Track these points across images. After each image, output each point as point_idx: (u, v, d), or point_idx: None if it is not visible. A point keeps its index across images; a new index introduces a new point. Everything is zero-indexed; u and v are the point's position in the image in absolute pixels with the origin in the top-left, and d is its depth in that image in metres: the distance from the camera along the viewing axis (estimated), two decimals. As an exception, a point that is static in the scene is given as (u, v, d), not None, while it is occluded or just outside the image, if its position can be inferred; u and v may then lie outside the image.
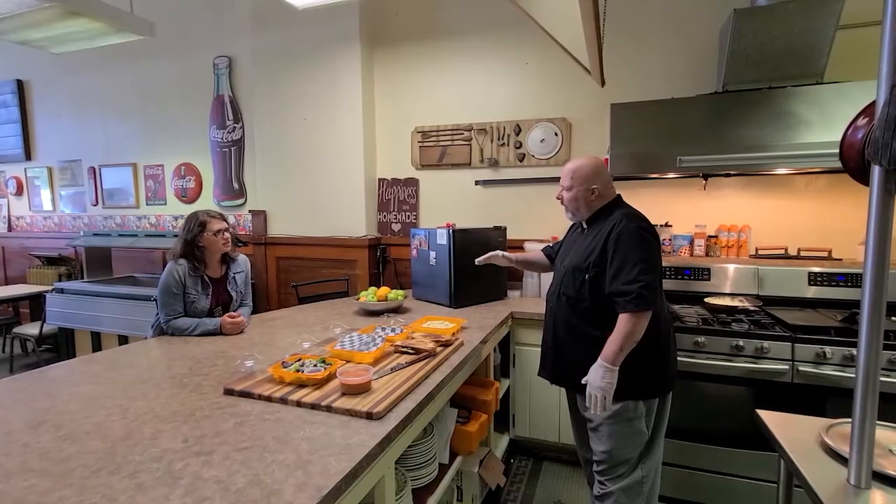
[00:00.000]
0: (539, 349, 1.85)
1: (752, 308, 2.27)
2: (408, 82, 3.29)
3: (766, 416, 1.30)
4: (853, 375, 0.99)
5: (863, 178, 0.99)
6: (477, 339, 1.94)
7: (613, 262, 1.52)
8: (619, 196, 1.72)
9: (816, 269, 2.33)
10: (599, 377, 1.48)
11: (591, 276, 1.58)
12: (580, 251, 1.67)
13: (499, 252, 2.12)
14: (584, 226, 1.74)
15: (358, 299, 2.44)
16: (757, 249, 2.54)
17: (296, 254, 3.51)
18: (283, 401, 1.28)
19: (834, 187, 2.43)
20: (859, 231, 2.33)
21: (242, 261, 2.27)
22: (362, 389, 1.30)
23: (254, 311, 2.36)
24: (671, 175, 2.57)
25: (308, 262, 3.47)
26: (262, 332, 2.05)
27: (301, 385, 1.35)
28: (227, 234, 2.11)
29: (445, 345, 1.74)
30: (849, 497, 0.95)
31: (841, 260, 2.39)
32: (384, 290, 2.46)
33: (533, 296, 2.86)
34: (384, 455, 1.12)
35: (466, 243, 2.58)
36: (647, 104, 2.37)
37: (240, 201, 3.85)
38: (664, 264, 2.50)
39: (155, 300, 2.06)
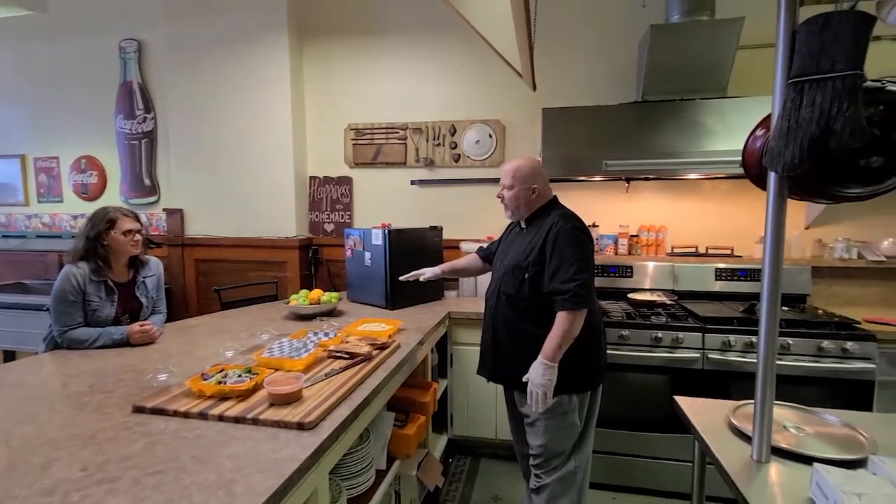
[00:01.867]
0: (476, 348, 1.86)
1: (668, 302, 2.45)
2: (340, 78, 3.19)
3: (682, 401, 1.40)
4: (754, 360, 1.09)
5: (761, 183, 1.09)
6: (414, 340, 1.91)
7: (552, 262, 1.57)
8: (555, 197, 1.78)
9: (722, 266, 2.58)
10: (540, 374, 1.52)
11: (530, 276, 1.62)
12: (519, 250, 1.70)
13: (423, 271, 2.11)
14: (523, 225, 1.78)
15: (288, 303, 2.31)
16: (672, 248, 2.76)
17: (218, 255, 3.26)
18: (202, 416, 1.17)
19: (736, 191, 2.69)
20: (758, 230, 2.61)
21: (154, 264, 2.06)
22: (292, 399, 1.22)
23: (169, 319, 2.15)
24: (598, 178, 2.71)
25: (232, 265, 3.24)
26: (179, 342, 1.87)
27: (224, 398, 1.24)
28: (137, 236, 1.91)
29: (382, 348, 1.69)
30: (752, 471, 1.04)
31: (741, 257, 2.65)
32: (317, 292, 2.35)
33: (470, 295, 2.89)
34: (317, 467, 1.06)
35: (403, 244, 2.54)
36: (575, 110, 2.49)
37: (152, 199, 3.51)
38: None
39: (48, 309, 1.81)
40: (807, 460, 1.02)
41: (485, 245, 2.14)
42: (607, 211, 2.86)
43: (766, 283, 1.03)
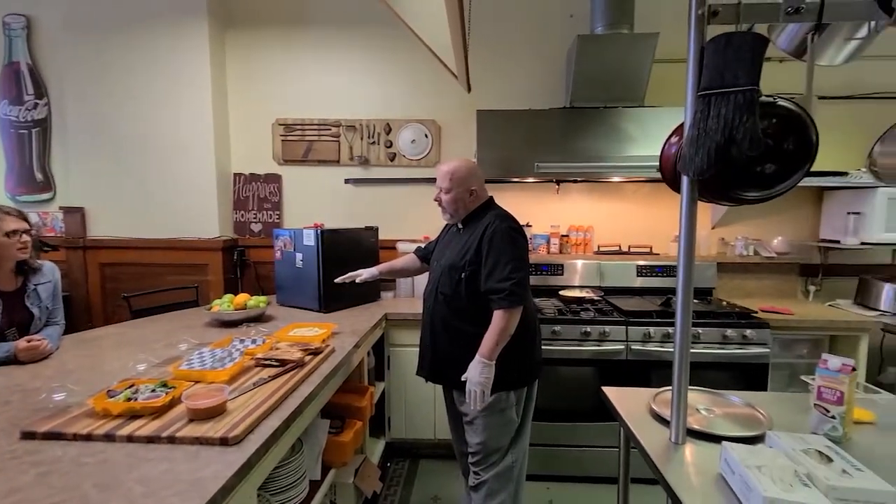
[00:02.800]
0: (414, 349, 1.85)
1: (596, 298, 2.59)
2: (268, 70, 3.02)
3: (608, 391, 1.48)
4: (671, 350, 1.17)
5: (676, 186, 1.17)
6: (349, 344, 1.85)
7: (487, 261, 1.59)
8: (491, 197, 1.81)
9: (642, 263, 2.77)
10: (478, 373, 1.53)
11: (466, 275, 1.63)
12: (456, 250, 1.71)
13: (360, 272, 2.06)
14: (460, 225, 1.79)
15: (210, 309, 2.15)
16: (599, 247, 2.92)
17: (127, 259, 2.96)
18: (108, 438, 1.04)
19: (655, 194, 2.91)
20: (673, 230, 2.84)
21: (49, 269, 1.82)
22: (215, 412, 1.13)
23: (70, 330, 1.92)
24: (530, 179, 2.80)
25: (144, 269, 2.96)
26: (81, 356, 1.67)
27: (134, 416, 1.12)
28: (25, 238, 1.67)
29: (315, 353, 1.62)
30: (670, 452, 1.12)
31: (659, 254, 2.87)
32: (243, 296, 2.21)
33: (407, 296, 2.86)
34: (244, 483, 0.99)
35: (337, 244, 2.46)
36: (509, 113, 2.55)
37: (45, 195, 3.11)
38: (525, 261, 2.72)
39: None
40: (716, 439, 1.11)
41: (422, 245, 2.12)
42: (540, 211, 2.96)
43: (680, 278, 1.11)
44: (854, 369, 1.13)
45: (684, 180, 1.10)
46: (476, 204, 1.75)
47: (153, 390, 1.20)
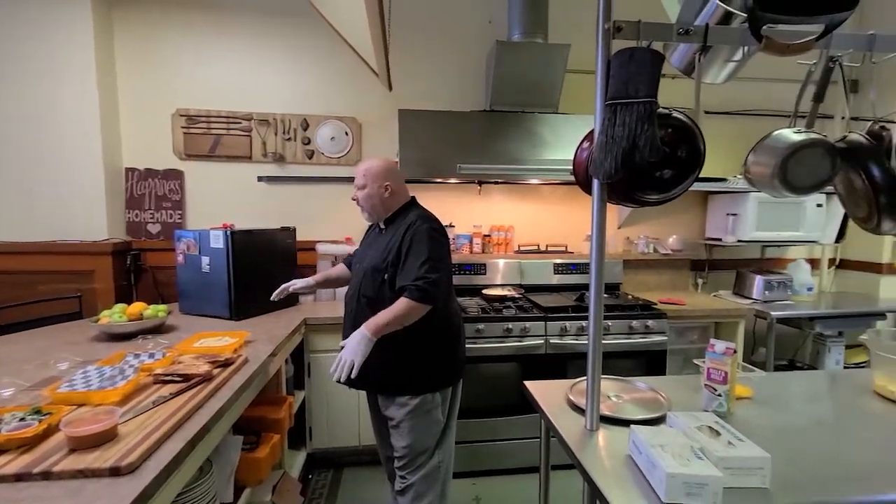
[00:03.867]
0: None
1: (517, 296, 2.69)
2: (166, 54, 2.74)
3: (529, 385, 1.53)
4: (585, 342, 1.24)
5: (588, 188, 1.24)
6: (265, 352, 1.73)
7: (406, 261, 1.57)
8: (413, 198, 1.79)
9: (558, 261, 2.93)
10: (356, 343, 1.48)
11: (389, 276, 1.60)
12: (378, 251, 1.68)
13: (293, 282, 1.94)
14: (382, 226, 1.76)
15: (98, 321, 1.89)
16: (519, 246, 3.04)
17: (-10, 266, 2.52)
18: (-42, 482, 0.87)
19: (569, 195, 3.08)
20: (585, 229, 3.04)
21: None
22: (103, 439, 0.99)
23: None
24: (453, 180, 2.83)
25: (12, 277, 2.53)
26: (-80, 385, 1.38)
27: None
28: None
29: (225, 365, 1.49)
30: (585, 439, 1.18)
31: (573, 253, 3.06)
32: (138, 306, 1.97)
33: (328, 300, 2.76)
34: (139, 518, 0.87)
35: (249, 246, 2.30)
36: (431, 113, 2.56)
37: None
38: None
39: None
40: (625, 423, 1.20)
41: (349, 248, 2.06)
42: (462, 212, 3.01)
43: (593, 274, 1.18)
44: (735, 351, 1.28)
45: (595, 183, 1.17)
46: (396, 203, 1.73)
47: (22, 419, 1.02)
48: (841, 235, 3.07)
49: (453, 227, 2.95)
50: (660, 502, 0.93)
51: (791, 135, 1.40)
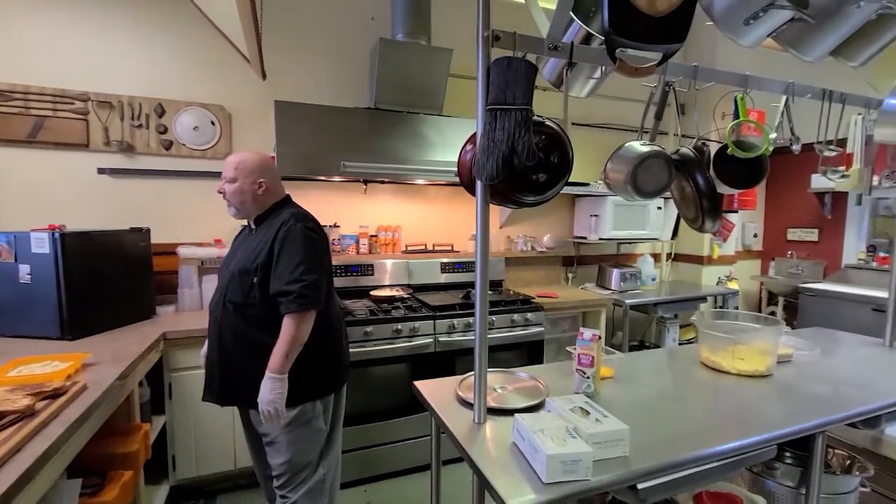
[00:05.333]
0: (202, 371, 1.58)
1: (406, 296, 2.69)
2: (-38, 11, 2.17)
3: (420, 385, 1.53)
4: (472, 338, 1.28)
5: (472, 190, 1.28)
6: (111, 376, 1.47)
7: (279, 263, 1.47)
8: (288, 196, 1.68)
9: (445, 260, 3.00)
10: (269, 390, 1.42)
11: (259, 279, 1.48)
12: (248, 252, 1.54)
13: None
14: (253, 226, 1.61)
15: None
16: (407, 246, 3.04)
17: None
18: None
19: (454, 196, 3.17)
20: (470, 229, 3.16)
21: None
22: None
23: None
24: (337, 178, 2.72)
25: None
26: None
27: None
28: None
29: (54, 395, 1.23)
30: (473, 432, 1.22)
31: (459, 252, 3.15)
32: (-79, 330, 1.52)
33: (193, 309, 2.44)
34: None
35: (87, 251, 1.93)
36: (313, 107, 2.42)
37: None
38: (335, 263, 2.63)
39: None
40: (510, 412, 1.26)
41: (219, 251, 1.85)
42: (348, 211, 2.91)
43: (478, 272, 1.22)
44: (600, 337, 1.43)
45: (478, 185, 1.20)
46: (269, 201, 1.61)
47: None
48: (675, 233, 3.66)
49: (338, 227, 2.84)
50: (541, 483, 1.00)
51: (639, 147, 1.61)
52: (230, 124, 2.64)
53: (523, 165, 1.16)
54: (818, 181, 3.53)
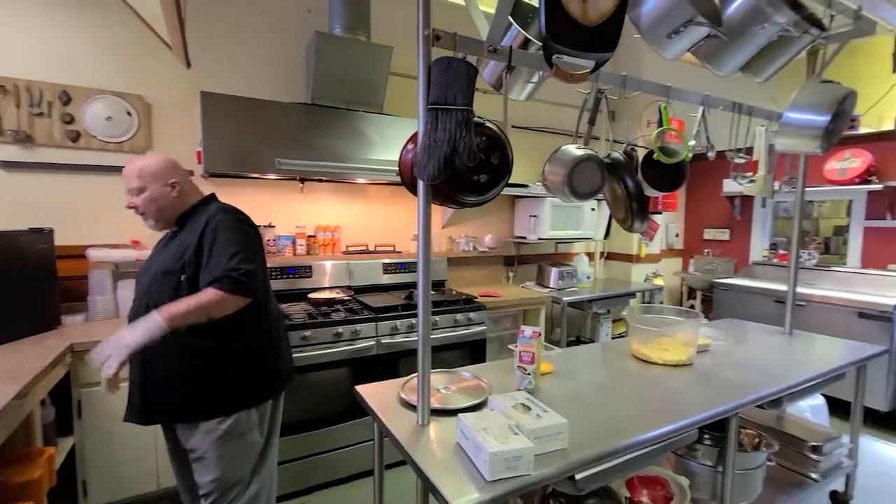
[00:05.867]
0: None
1: (346, 298, 2.62)
2: None
3: (361, 389, 1.49)
4: (416, 339, 1.26)
5: (413, 189, 1.27)
6: (6, 395, 1.29)
7: (210, 256, 1.36)
8: (213, 194, 1.58)
9: (387, 261, 2.96)
10: (140, 322, 1.25)
11: (187, 276, 1.37)
12: (171, 253, 1.43)
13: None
14: (176, 229, 1.51)
15: None
16: (347, 246, 2.96)
17: None
18: None
19: (396, 196, 3.13)
20: (412, 229, 3.13)
21: None
22: None
23: None
24: (272, 176, 2.59)
25: None
26: None
27: None
28: None
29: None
30: (417, 435, 1.21)
31: (401, 252, 3.12)
32: None
33: (107, 317, 2.22)
34: None
35: (-24, 254, 1.69)
36: (245, 101, 2.29)
37: None
38: (271, 265, 2.51)
39: None
40: (454, 413, 1.26)
41: (137, 253, 1.69)
42: (284, 211, 2.78)
43: (420, 273, 1.21)
44: (540, 334, 1.47)
45: (420, 184, 1.19)
46: (187, 201, 1.50)
47: None
48: (607, 233, 3.86)
49: (273, 227, 2.70)
50: (485, 481, 1.00)
51: (574, 150, 1.67)
52: (150, 115, 2.42)
53: (464, 166, 1.16)
54: (729, 185, 3.88)
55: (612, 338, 3.67)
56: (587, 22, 1.19)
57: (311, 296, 2.58)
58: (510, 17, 1.45)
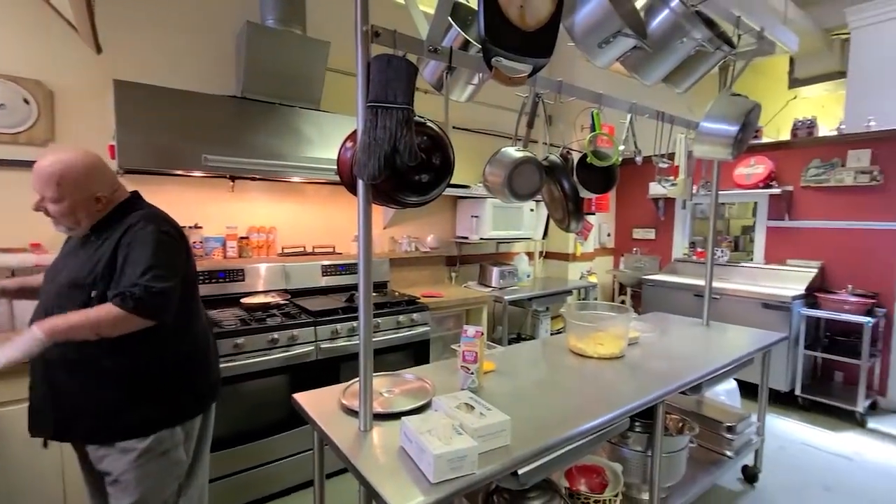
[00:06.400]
0: (16, 407, 1.29)
1: (282, 302, 2.50)
2: None
3: (300, 397, 1.43)
4: (357, 342, 1.23)
5: (353, 189, 1.24)
6: None
7: (123, 272, 1.24)
8: (135, 193, 1.43)
9: (326, 262, 2.86)
10: (16, 345, 1.15)
11: (98, 293, 1.24)
12: (82, 262, 1.28)
13: None
14: (89, 232, 1.35)
15: None
16: (283, 248, 2.83)
17: None
18: None
19: (335, 195, 3.04)
20: (353, 230, 3.06)
21: None
22: None
23: None
24: (198, 173, 2.42)
25: None
26: None
27: None
28: None
29: None
30: (359, 441, 1.18)
31: (342, 253, 3.04)
32: None
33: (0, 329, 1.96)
34: None
35: None
36: (166, 91, 2.11)
37: None
38: (197, 268, 2.33)
39: None
40: (398, 416, 1.24)
41: (38, 258, 1.50)
42: (212, 211, 2.60)
43: (361, 275, 1.18)
44: (482, 333, 1.49)
45: (360, 184, 1.17)
46: (109, 207, 1.35)
47: None
48: (545, 233, 4.00)
49: (200, 228, 2.52)
50: (429, 484, 0.99)
51: (514, 152, 1.71)
52: (52, 104, 2.16)
53: (405, 165, 1.15)
54: (654, 188, 4.17)
55: (551, 334, 3.81)
56: (525, 27, 1.22)
57: (244, 301, 2.43)
58: (450, 18, 1.46)
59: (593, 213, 4.29)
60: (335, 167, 1.38)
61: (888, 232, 3.18)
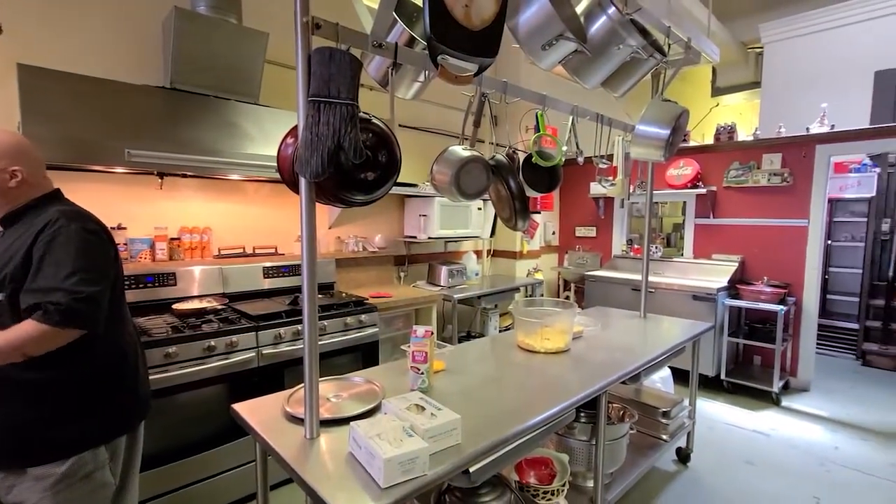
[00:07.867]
0: None
1: (220, 307, 2.35)
2: None
3: (239, 407, 1.35)
4: (302, 346, 1.18)
5: (295, 187, 1.19)
6: None
7: (40, 273, 1.12)
8: (57, 190, 1.31)
9: (268, 264, 2.73)
10: None
11: (9, 294, 1.12)
12: None
13: None
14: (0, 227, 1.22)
15: None
16: (220, 250, 2.66)
17: None
18: None
19: (276, 194, 2.91)
20: (296, 230, 2.94)
21: None
22: None
23: None
24: (120, 169, 2.22)
25: None
26: None
27: None
28: None
29: None
30: (305, 449, 1.13)
31: (284, 254, 2.91)
32: None
33: None
34: None
35: None
36: (81, 79, 1.92)
37: None
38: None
39: None
40: (346, 421, 1.21)
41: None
42: (138, 210, 2.40)
43: (305, 276, 1.14)
44: (432, 333, 1.48)
45: (303, 182, 1.12)
46: (24, 195, 1.23)
47: None
48: (493, 232, 4.06)
49: (125, 228, 2.32)
50: (380, 489, 0.97)
51: (461, 151, 1.72)
52: (-59, 88, 1.91)
53: (350, 163, 1.12)
54: (595, 188, 4.36)
55: (500, 331, 3.88)
56: (470, 26, 1.22)
57: (176, 306, 2.27)
58: (395, 14, 1.43)
59: (539, 212, 4.41)
60: (276, 164, 1.31)
61: (797, 228, 3.53)
